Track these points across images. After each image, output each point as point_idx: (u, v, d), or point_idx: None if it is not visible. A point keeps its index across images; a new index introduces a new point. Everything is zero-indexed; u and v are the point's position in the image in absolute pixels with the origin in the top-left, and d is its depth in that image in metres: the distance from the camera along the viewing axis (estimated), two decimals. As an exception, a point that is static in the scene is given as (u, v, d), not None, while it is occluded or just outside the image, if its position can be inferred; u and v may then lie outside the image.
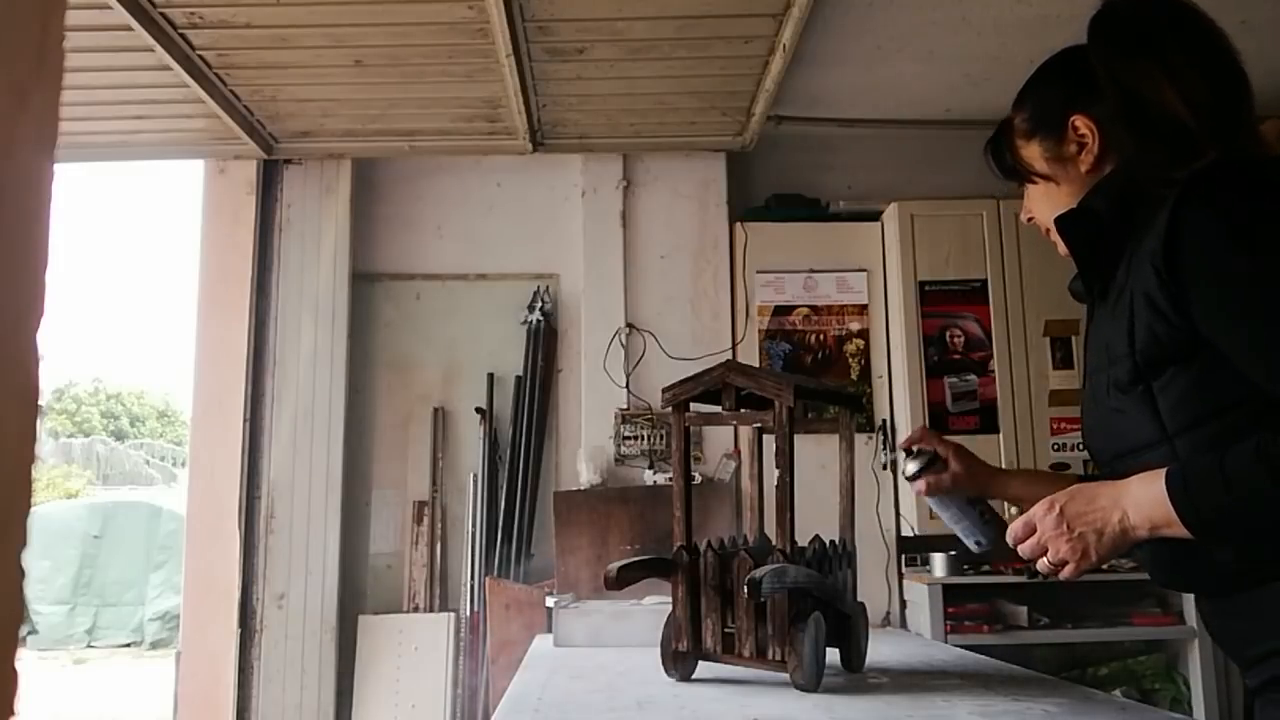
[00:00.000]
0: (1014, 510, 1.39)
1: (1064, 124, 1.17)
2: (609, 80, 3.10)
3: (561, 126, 3.48)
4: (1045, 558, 1.08)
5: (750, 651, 1.49)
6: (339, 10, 2.64)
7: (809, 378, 3.37)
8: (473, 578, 3.51)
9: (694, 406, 1.64)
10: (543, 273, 3.76)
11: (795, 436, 1.51)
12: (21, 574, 0.28)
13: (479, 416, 3.63)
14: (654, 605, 2.11)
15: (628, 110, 3.36)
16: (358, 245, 3.71)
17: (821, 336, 3.60)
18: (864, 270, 3.61)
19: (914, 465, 1.41)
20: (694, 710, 1.35)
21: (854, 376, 3.57)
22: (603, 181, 3.70)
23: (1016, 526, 1.12)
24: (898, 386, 3.50)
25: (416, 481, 3.65)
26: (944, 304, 3.44)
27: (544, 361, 3.65)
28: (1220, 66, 1.08)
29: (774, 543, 1.51)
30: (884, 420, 3.54)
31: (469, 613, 3.49)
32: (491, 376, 3.67)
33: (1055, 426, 3.34)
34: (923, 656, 1.85)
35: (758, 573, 1.41)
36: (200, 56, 2.90)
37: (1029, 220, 1.29)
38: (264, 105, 3.25)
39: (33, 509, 0.29)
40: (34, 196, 0.29)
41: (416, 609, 3.53)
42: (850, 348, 3.59)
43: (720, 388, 1.59)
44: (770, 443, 1.54)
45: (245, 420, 3.50)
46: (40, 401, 0.29)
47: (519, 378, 3.65)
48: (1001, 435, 3.34)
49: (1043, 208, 1.24)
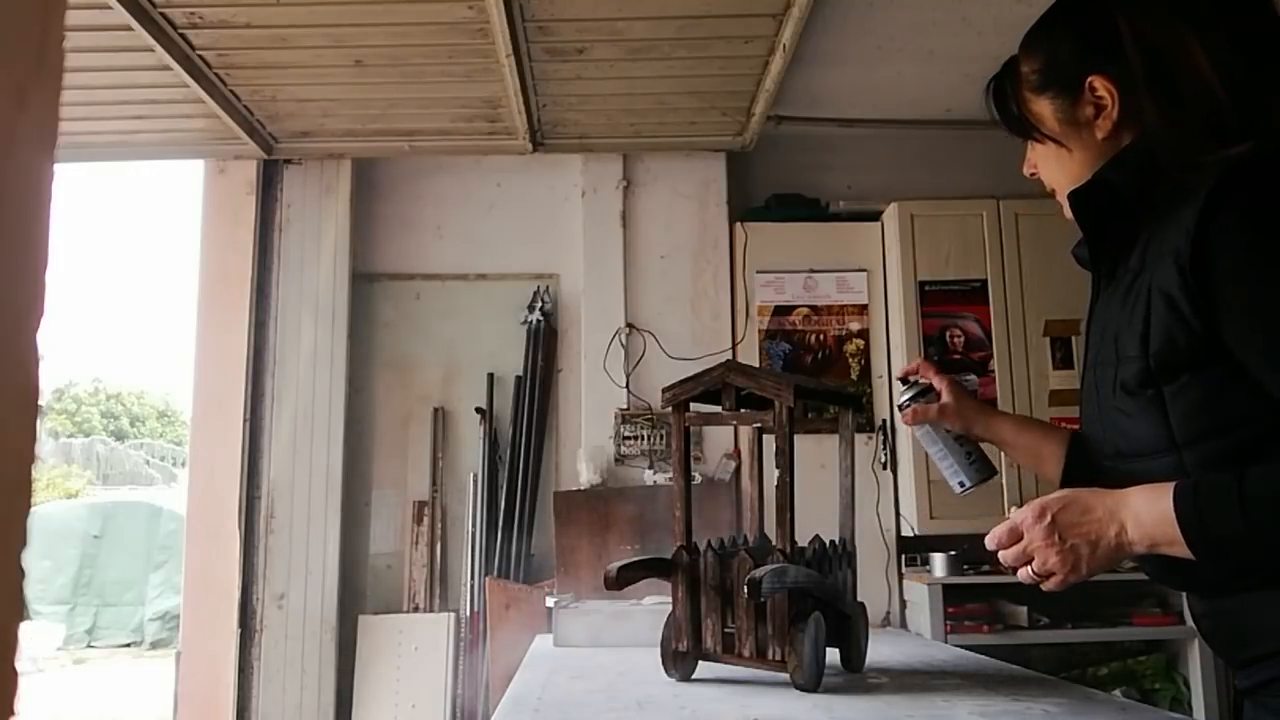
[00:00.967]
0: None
1: (1080, 83, 1.05)
2: (609, 80, 3.10)
3: (561, 126, 3.48)
4: (1029, 567, 1.00)
5: (750, 651, 1.49)
6: (339, 10, 2.64)
7: (809, 378, 3.36)
8: (473, 578, 3.51)
9: (694, 406, 1.64)
10: (543, 273, 3.76)
11: (795, 436, 1.51)
12: (21, 574, 0.28)
13: (479, 416, 3.63)
14: (654, 605, 2.11)
15: (628, 110, 3.36)
16: (357, 245, 3.71)
17: (821, 336, 3.60)
18: (864, 270, 3.61)
19: (907, 394, 1.42)
20: (694, 710, 1.35)
21: (854, 376, 3.57)
22: (603, 181, 3.70)
23: (1000, 532, 1.01)
24: (897, 386, 3.49)
25: (416, 481, 3.65)
26: (944, 304, 3.44)
27: (544, 361, 3.65)
28: (1262, 40, 0.97)
29: (774, 543, 1.51)
30: (884, 420, 3.55)
31: (469, 613, 3.49)
32: (491, 376, 3.67)
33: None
34: (923, 656, 1.85)
35: (758, 573, 1.41)
36: (200, 56, 2.90)
37: (1032, 175, 1.18)
38: (264, 105, 3.25)
39: (33, 509, 0.29)
40: (34, 196, 0.29)
41: (416, 609, 3.53)
42: (850, 348, 3.59)
43: (720, 388, 1.59)
44: (770, 443, 1.54)
45: (245, 420, 3.50)
46: (40, 401, 0.29)
47: (519, 378, 3.65)
48: (1001, 435, 3.34)
49: (1053, 170, 1.13)
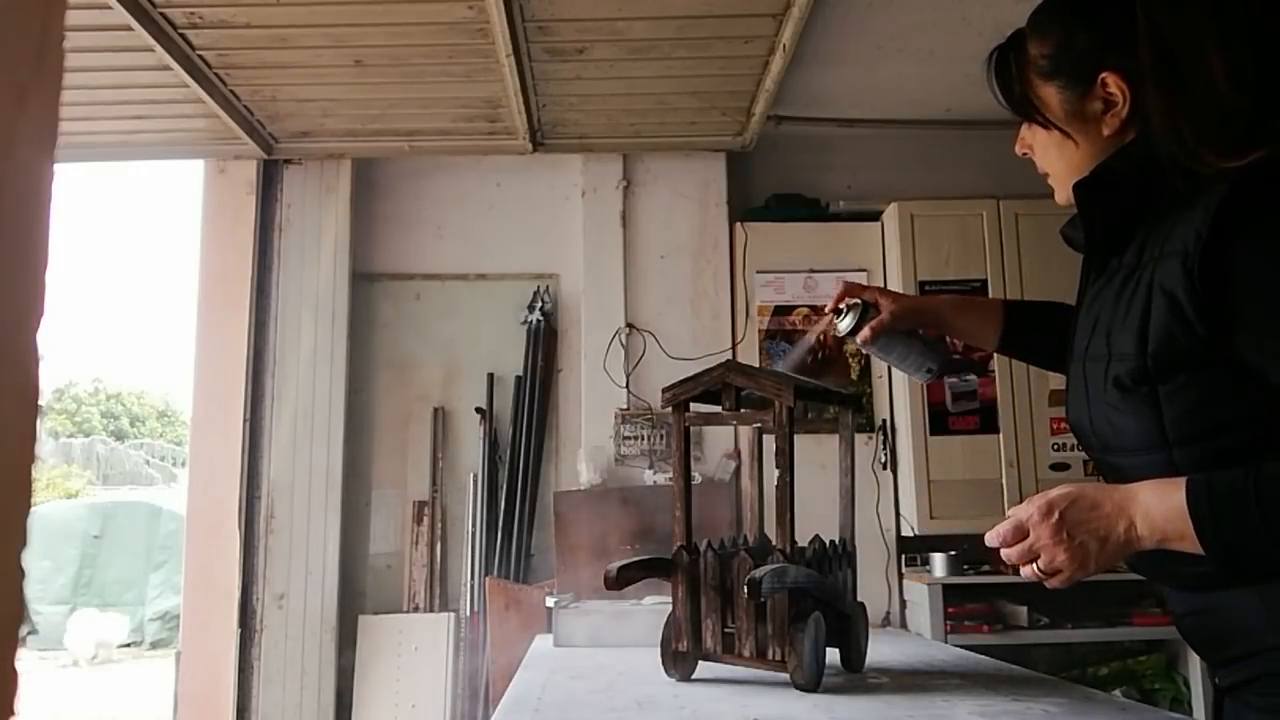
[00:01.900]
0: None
1: (1093, 77, 1.01)
2: (609, 80, 3.10)
3: (561, 126, 3.48)
4: (1035, 564, 0.98)
5: (750, 651, 1.48)
6: (339, 10, 2.64)
7: (809, 378, 3.36)
8: (473, 578, 3.51)
9: (694, 406, 1.63)
10: (542, 273, 3.76)
11: (795, 436, 1.51)
12: (21, 574, 0.28)
13: (479, 416, 3.63)
14: (654, 605, 2.11)
15: (628, 110, 3.36)
16: (357, 245, 3.71)
17: (821, 336, 3.59)
18: (864, 270, 3.61)
19: (849, 319, 1.41)
20: (694, 710, 1.35)
21: (854, 376, 3.57)
22: (603, 181, 3.70)
23: (1005, 529, 1.00)
24: (897, 387, 3.50)
25: (416, 481, 3.65)
26: (944, 304, 3.43)
27: (544, 361, 3.65)
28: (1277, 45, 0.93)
29: (774, 543, 1.51)
30: (884, 420, 3.54)
31: (469, 613, 3.49)
32: (491, 376, 3.67)
33: (1055, 426, 3.33)
34: (923, 656, 1.85)
35: (758, 573, 1.40)
36: (200, 56, 2.90)
37: (1024, 154, 1.15)
38: (264, 105, 3.25)
39: (33, 509, 0.29)
40: (34, 196, 0.29)
41: (416, 609, 3.53)
42: (850, 348, 3.59)
43: (720, 388, 1.59)
44: (770, 443, 1.54)
45: (245, 420, 3.50)
46: (40, 401, 0.29)
47: (519, 378, 3.65)
48: (1001, 435, 3.34)
49: (1051, 157, 1.10)
